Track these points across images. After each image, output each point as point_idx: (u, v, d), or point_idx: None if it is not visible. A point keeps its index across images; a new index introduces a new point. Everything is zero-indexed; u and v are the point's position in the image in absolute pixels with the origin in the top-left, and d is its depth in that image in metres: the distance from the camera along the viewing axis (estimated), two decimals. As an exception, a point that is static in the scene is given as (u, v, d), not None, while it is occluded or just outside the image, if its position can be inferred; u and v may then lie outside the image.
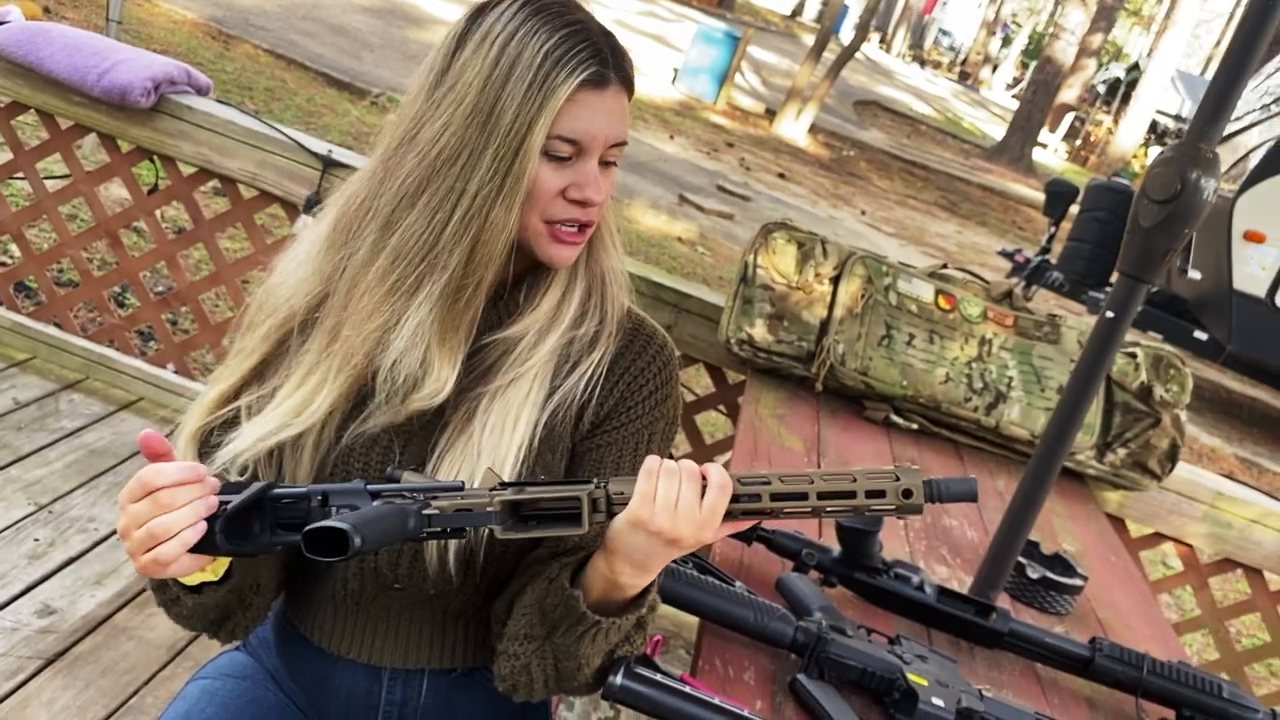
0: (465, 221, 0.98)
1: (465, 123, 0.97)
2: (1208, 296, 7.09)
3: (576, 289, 1.11)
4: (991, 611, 1.41)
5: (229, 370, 1.10)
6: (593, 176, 1.02)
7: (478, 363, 1.07)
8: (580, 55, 0.98)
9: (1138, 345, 2.30)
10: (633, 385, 1.12)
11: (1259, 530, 2.39)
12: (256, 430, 1.05)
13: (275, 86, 7.25)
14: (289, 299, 1.08)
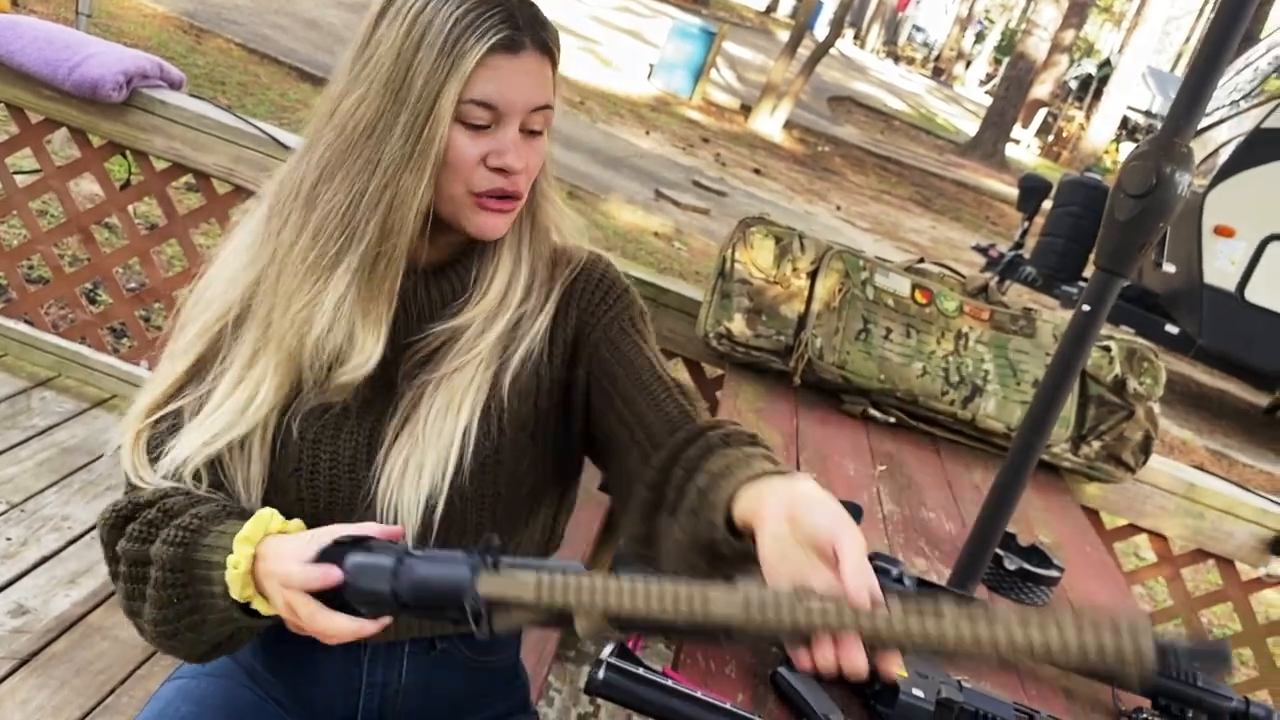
0: (379, 191, 0.97)
1: (380, 93, 0.97)
2: (1179, 291, 7.16)
3: (522, 272, 1.10)
4: (971, 602, 1.41)
5: (163, 372, 1.07)
6: (511, 143, 1.00)
7: (422, 348, 1.07)
8: (491, 20, 0.97)
9: (1112, 339, 2.32)
10: (584, 300, 1.13)
11: (1230, 521, 2.42)
12: (200, 434, 1.03)
13: (248, 81, 7.19)
14: (223, 293, 1.06)
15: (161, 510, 1.02)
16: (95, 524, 1.09)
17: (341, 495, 1.08)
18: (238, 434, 1.03)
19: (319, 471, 1.08)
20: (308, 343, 1.01)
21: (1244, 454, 7.08)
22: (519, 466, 1.12)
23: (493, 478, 1.10)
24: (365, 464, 1.08)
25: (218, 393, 1.04)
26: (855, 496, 1.80)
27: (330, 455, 1.08)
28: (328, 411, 1.07)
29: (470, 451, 1.06)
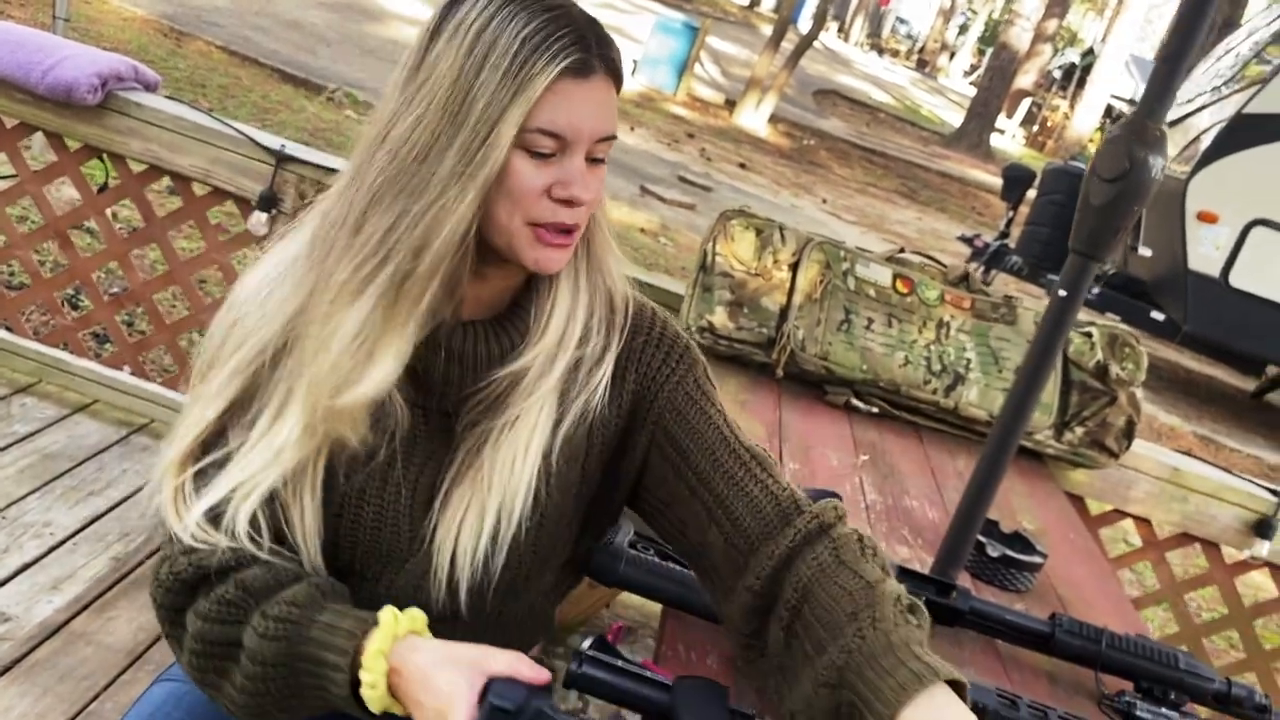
0: (421, 211, 0.91)
1: (438, 116, 0.91)
2: (1164, 277, 7.19)
3: (580, 306, 1.03)
4: (952, 590, 1.42)
5: (195, 416, 1.00)
6: (579, 173, 0.94)
7: (485, 397, 1.01)
8: (561, 41, 0.91)
9: (1093, 324, 2.32)
10: (643, 359, 1.08)
11: (1215, 504, 2.43)
12: (235, 476, 0.97)
13: (229, 84, 7.16)
14: (259, 327, 0.99)
15: (240, 588, 0.95)
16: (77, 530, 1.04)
17: (392, 546, 1.04)
18: (274, 477, 0.97)
19: (362, 522, 1.03)
20: (325, 366, 0.94)
21: (1231, 438, 7.12)
22: (560, 527, 1.10)
23: (534, 536, 1.06)
24: (420, 515, 1.04)
25: (254, 433, 0.98)
26: (838, 486, 1.80)
27: (376, 507, 1.03)
28: (372, 460, 1.02)
29: (538, 495, 1.02)
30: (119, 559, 2.21)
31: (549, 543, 1.10)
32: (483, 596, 1.06)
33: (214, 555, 0.97)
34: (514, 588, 1.10)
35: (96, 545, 2.22)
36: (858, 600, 0.92)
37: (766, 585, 0.99)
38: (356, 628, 0.92)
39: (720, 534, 1.03)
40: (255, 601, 0.95)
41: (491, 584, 1.05)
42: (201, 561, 0.97)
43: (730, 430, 1.07)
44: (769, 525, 1.01)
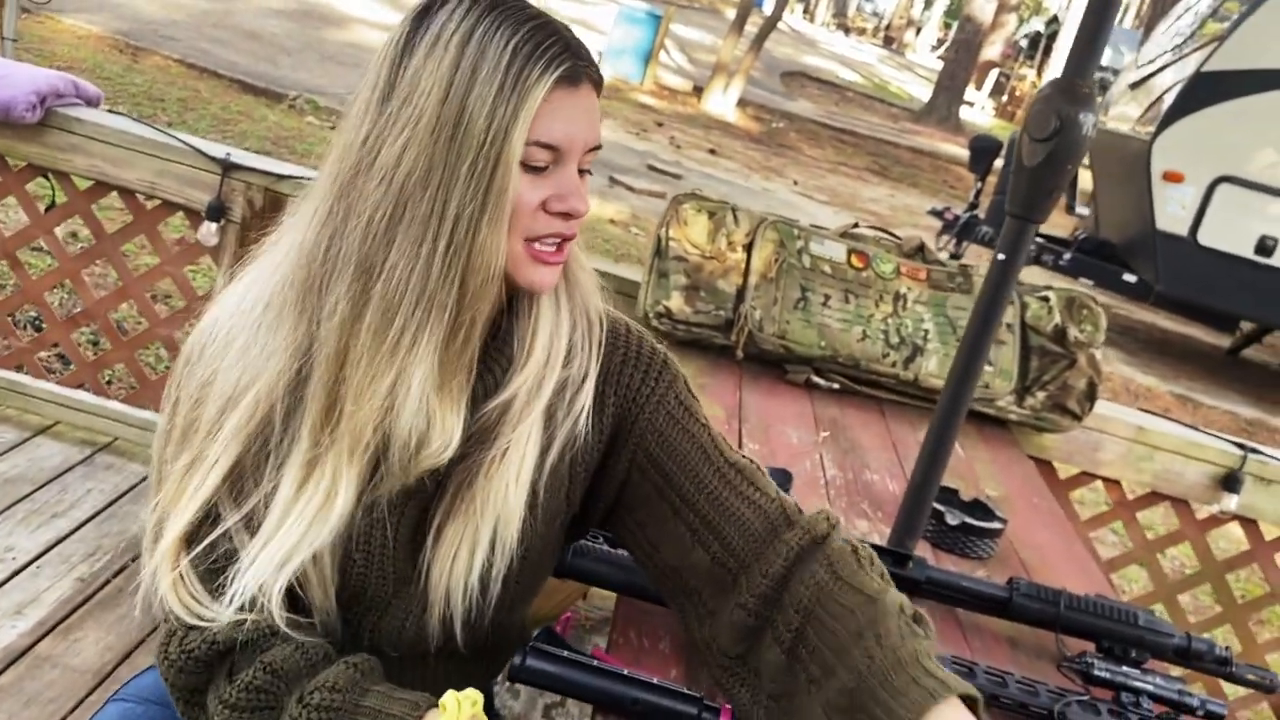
0: (452, 252, 0.87)
1: (431, 137, 0.86)
2: (1133, 239, 7.22)
3: (564, 324, 1.01)
4: (908, 560, 1.41)
5: (191, 486, 0.94)
6: (574, 184, 0.92)
7: (476, 428, 0.98)
8: (552, 50, 0.88)
9: (1050, 288, 2.32)
10: (621, 380, 1.05)
11: (1181, 461, 2.43)
12: (275, 550, 0.92)
13: (188, 96, 7.10)
14: (251, 385, 0.93)
15: (269, 672, 0.92)
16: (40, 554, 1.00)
17: (378, 588, 1.02)
18: (320, 543, 0.93)
19: (351, 565, 1.00)
20: (395, 431, 0.91)
21: (1208, 396, 7.16)
22: (545, 556, 1.09)
23: (522, 565, 1.04)
24: (405, 554, 1.01)
25: (280, 500, 0.93)
26: (797, 464, 1.79)
27: (364, 550, 1.00)
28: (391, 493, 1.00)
29: (529, 523, 1.01)
30: (84, 579, 2.19)
31: (534, 571, 1.08)
32: (477, 628, 1.04)
33: (224, 629, 0.93)
34: (505, 615, 1.08)
35: (60, 567, 2.20)
36: (861, 618, 0.90)
37: (761, 605, 0.97)
38: (408, 712, 0.91)
39: (707, 554, 1.01)
40: (287, 687, 0.92)
41: (486, 616, 1.03)
42: (215, 637, 0.94)
43: (714, 446, 1.05)
44: (758, 543, 1.00)
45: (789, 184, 10.98)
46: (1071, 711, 1.20)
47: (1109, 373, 6.55)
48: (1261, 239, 6.74)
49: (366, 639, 1.05)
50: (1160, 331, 8.78)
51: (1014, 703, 1.21)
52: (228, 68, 8.34)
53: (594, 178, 6.32)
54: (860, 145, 15.00)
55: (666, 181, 9.09)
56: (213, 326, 0.98)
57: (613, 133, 10.76)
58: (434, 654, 1.07)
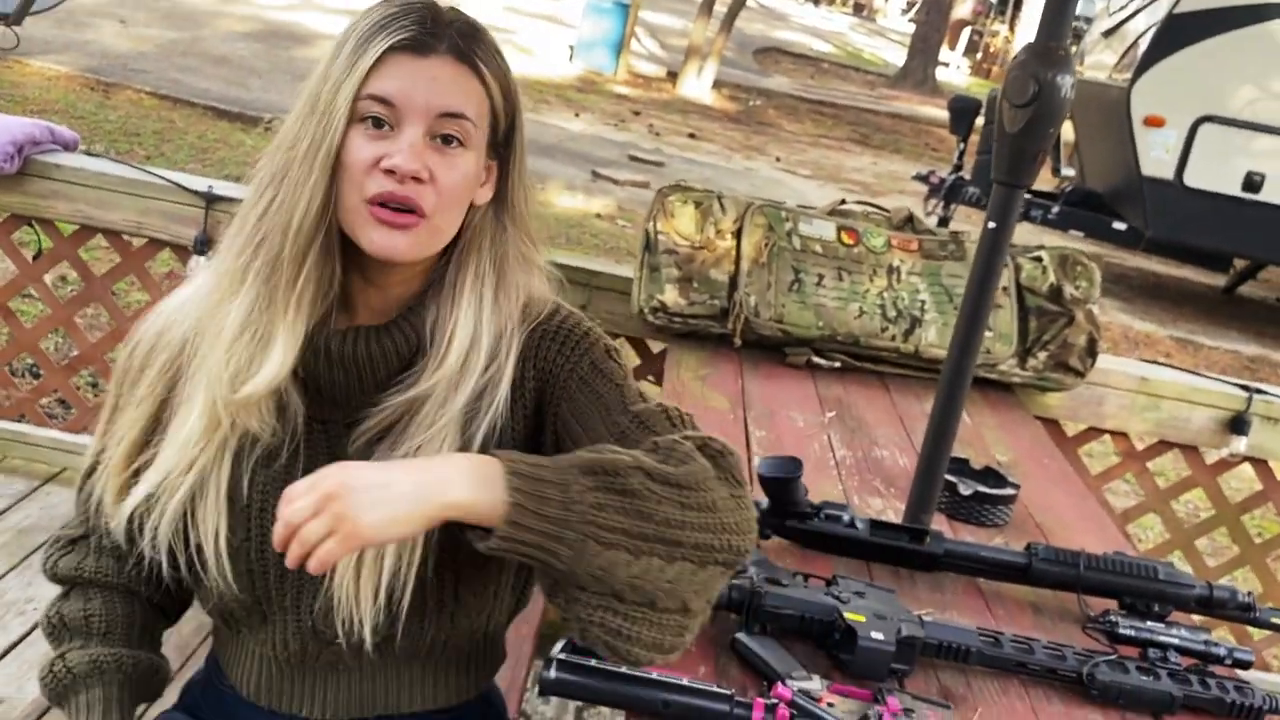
0: (283, 196, 0.96)
1: (301, 108, 0.97)
2: (1120, 187, 7.20)
3: (485, 331, 1.01)
4: (925, 535, 1.41)
5: (129, 419, 1.05)
6: (407, 144, 0.95)
7: (381, 422, 1.00)
8: (401, 23, 0.96)
9: (1042, 248, 2.32)
10: (542, 354, 1.06)
11: (1187, 408, 2.44)
12: (154, 477, 1.01)
13: (163, 128, 7.07)
14: (178, 329, 1.04)
15: (59, 618, 1.13)
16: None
17: (290, 578, 1.03)
18: (192, 478, 1.00)
19: (268, 546, 1.00)
20: (220, 355, 0.97)
21: (1208, 337, 7.16)
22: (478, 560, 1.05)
23: (453, 561, 1.04)
24: None
25: (170, 430, 1.02)
26: (805, 447, 1.79)
27: (264, 525, 1.02)
28: (275, 460, 1.02)
29: (435, 538, 1.00)
30: (106, 624, 2.19)
31: (475, 572, 1.07)
32: (393, 633, 1.04)
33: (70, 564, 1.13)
34: (445, 618, 1.07)
35: (81, 614, 2.20)
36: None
37: None
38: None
39: None
40: (66, 638, 1.11)
41: (399, 621, 1.02)
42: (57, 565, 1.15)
43: (620, 401, 1.03)
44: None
45: (771, 161, 10.95)
46: (1100, 672, 1.20)
47: (1107, 323, 6.55)
48: (1248, 175, 6.72)
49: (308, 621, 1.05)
50: (1154, 276, 8.77)
51: (1042, 668, 1.21)
52: (200, 95, 8.31)
53: (578, 174, 6.28)
54: (839, 116, 14.96)
55: (649, 170, 9.07)
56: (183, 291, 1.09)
57: (591, 126, 10.74)
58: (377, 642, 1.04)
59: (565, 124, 10.48)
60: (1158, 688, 1.20)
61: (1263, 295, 8.69)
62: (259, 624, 1.08)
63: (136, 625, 1.15)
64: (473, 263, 1.03)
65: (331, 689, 1.11)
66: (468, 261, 1.03)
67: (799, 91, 16.21)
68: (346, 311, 1.04)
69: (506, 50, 1.04)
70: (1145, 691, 1.20)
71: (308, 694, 1.11)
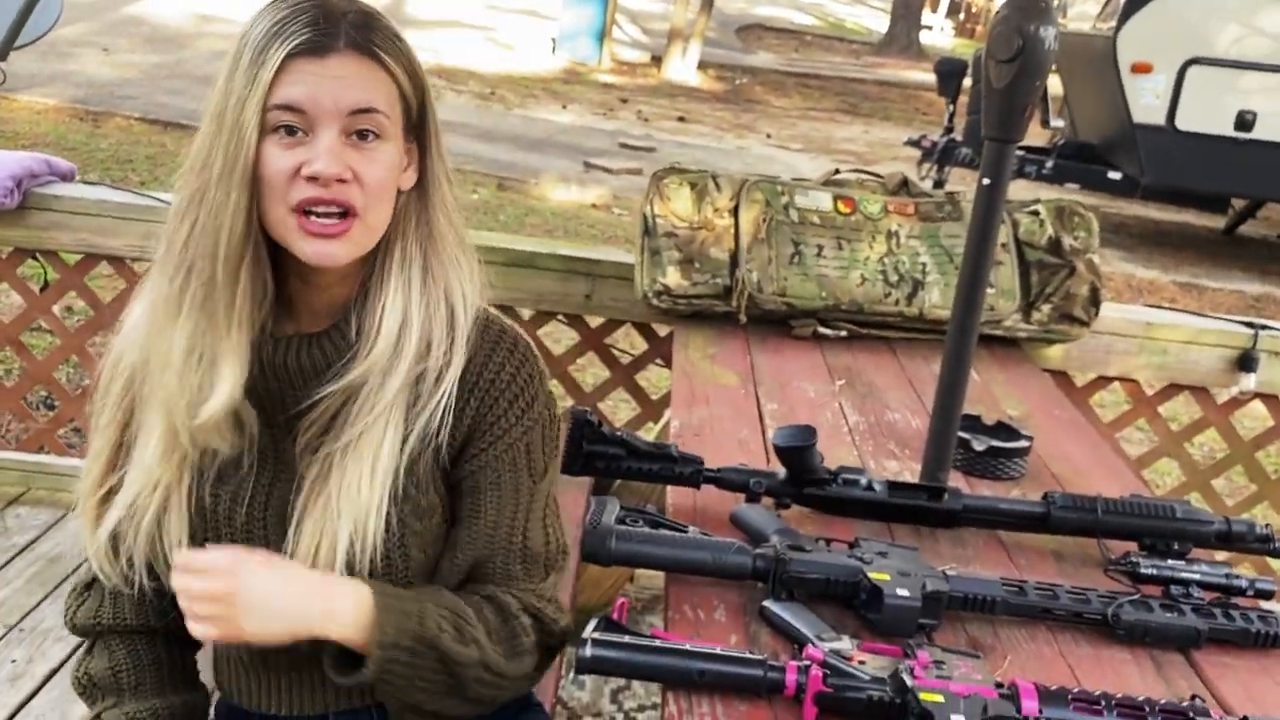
0: (206, 219, 0.95)
1: (208, 124, 0.97)
2: (1112, 136, 7.19)
3: (415, 314, 1.03)
4: (943, 493, 1.43)
5: (95, 448, 1.08)
6: (324, 148, 0.95)
7: (318, 415, 1.02)
8: (294, 26, 0.95)
9: (1039, 201, 2.33)
10: (488, 398, 1.07)
11: (1194, 350, 2.45)
12: (122, 501, 1.04)
13: (156, 153, 7.10)
14: (127, 357, 1.06)
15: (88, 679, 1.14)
16: None
17: None
18: (147, 495, 1.03)
19: (235, 537, 1.06)
20: (172, 385, 0.99)
21: (1212, 279, 7.15)
22: (429, 530, 1.09)
23: (406, 557, 1.07)
24: (275, 536, 1.05)
25: (134, 455, 1.04)
26: (817, 416, 1.81)
27: (245, 523, 1.06)
28: (238, 471, 1.05)
29: (388, 520, 1.03)
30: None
31: (425, 546, 1.09)
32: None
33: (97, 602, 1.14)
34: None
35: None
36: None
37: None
38: None
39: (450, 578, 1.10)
40: (99, 697, 1.13)
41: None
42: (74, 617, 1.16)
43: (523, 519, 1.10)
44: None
45: (762, 138, 10.94)
46: (1124, 612, 1.22)
47: (1109, 273, 6.55)
48: (1240, 115, 6.71)
49: None
50: (1153, 223, 8.75)
51: (1067, 613, 1.23)
52: (189, 116, 8.32)
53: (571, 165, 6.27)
54: (826, 87, 14.92)
55: (641, 157, 9.06)
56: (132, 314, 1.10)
57: (579, 117, 10.73)
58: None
59: (553, 117, 10.48)
60: (1183, 623, 1.22)
61: (1263, 234, 8.68)
62: None
63: (164, 668, 1.15)
64: (398, 248, 1.04)
65: (308, 684, 1.13)
66: (393, 247, 1.04)
67: (784, 66, 16.17)
68: (289, 315, 1.05)
69: (490, 48, 1.05)
70: (1171, 628, 1.22)
71: (286, 692, 1.14)
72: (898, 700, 1.01)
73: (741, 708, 1.04)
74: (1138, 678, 1.16)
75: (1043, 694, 1.02)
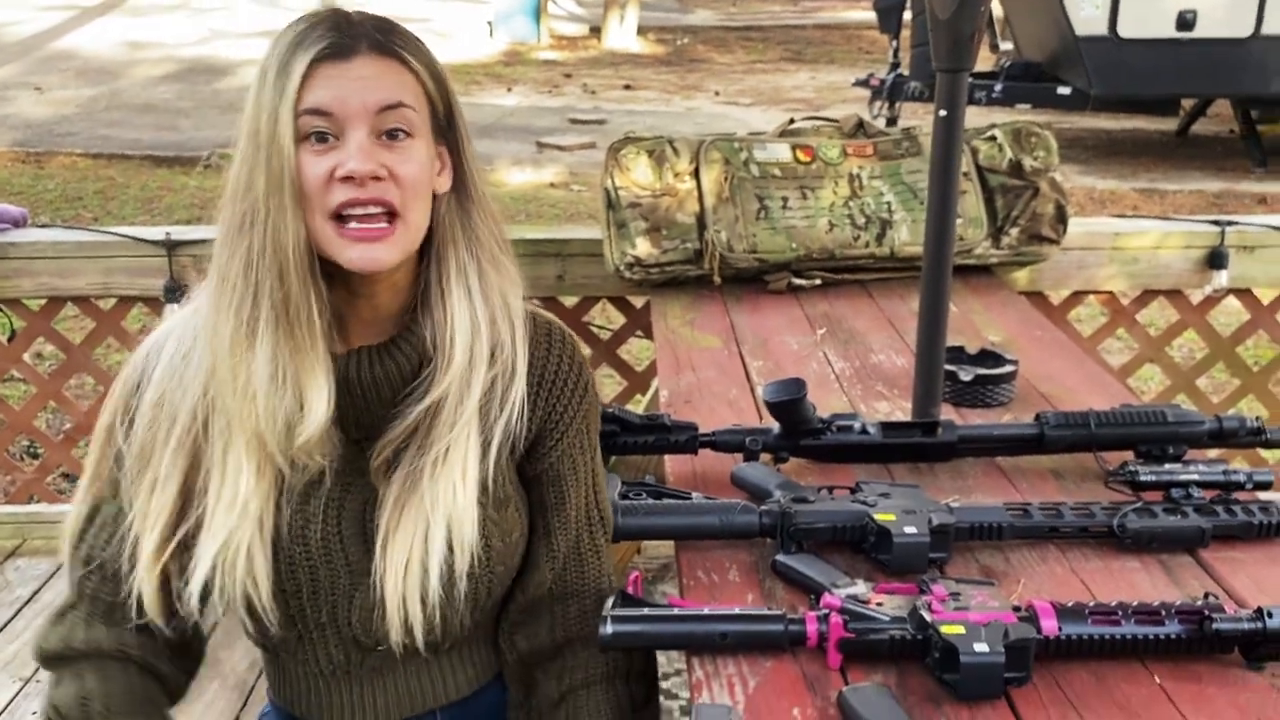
0: (262, 241, 0.94)
1: (245, 147, 0.96)
2: (1058, 52, 7.21)
3: (483, 320, 1.03)
4: (936, 427, 1.44)
5: (155, 506, 1.01)
6: (355, 148, 0.95)
7: (401, 432, 1.02)
8: (314, 35, 0.96)
9: (995, 126, 2.34)
10: (554, 392, 1.10)
11: (1164, 254, 2.47)
12: (210, 546, 1.00)
13: (104, 186, 7.00)
14: (184, 398, 1.02)
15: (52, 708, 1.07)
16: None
17: (334, 581, 1.05)
18: (249, 532, 1.00)
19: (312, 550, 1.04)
20: (260, 413, 0.97)
21: (1171, 182, 7.20)
22: (513, 554, 1.11)
23: (489, 565, 1.07)
24: (356, 550, 1.05)
25: (209, 499, 1.00)
26: (803, 368, 1.82)
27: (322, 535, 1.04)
28: (310, 500, 1.04)
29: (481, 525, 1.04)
30: (162, 679, 2.21)
31: (503, 558, 1.10)
32: (459, 623, 1.08)
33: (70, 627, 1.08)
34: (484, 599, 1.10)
35: (136, 674, 2.23)
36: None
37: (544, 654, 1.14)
38: None
39: (549, 577, 1.13)
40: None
41: (458, 616, 1.07)
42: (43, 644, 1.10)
43: (593, 492, 1.15)
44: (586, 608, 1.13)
45: (711, 97, 10.90)
46: (1129, 521, 1.23)
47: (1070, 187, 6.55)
48: (1180, 15, 6.73)
49: (347, 631, 1.07)
50: (1107, 134, 8.79)
51: (1073, 529, 1.25)
52: (133, 146, 8.21)
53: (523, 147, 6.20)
54: (769, 38, 14.87)
55: (592, 130, 9.02)
56: (164, 350, 1.05)
57: (526, 98, 10.66)
58: (427, 649, 1.08)
59: (499, 100, 10.40)
60: (1187, 524, 1.24)
61: (1215, 130, 8.73)
62: (295, 644, 1.10)
63: (137, 698, 1.09)
64: (451, 256, 1.03)
65: (381, 693, 1.13)
66: (446, 256, 1.03)
67: (724, 22, 16.09)
68: (341, 331, 1.03)
69: (426, 38, 1.04)
70: (1176, 530, 1.24)
71: (358, 702, 1.13)
72: (919, 636, 1.02)
73: (767, 664, 1.05)
74: (1149, 584, 1.18)
75: (1060, 612, 1.04)
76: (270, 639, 1.09)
